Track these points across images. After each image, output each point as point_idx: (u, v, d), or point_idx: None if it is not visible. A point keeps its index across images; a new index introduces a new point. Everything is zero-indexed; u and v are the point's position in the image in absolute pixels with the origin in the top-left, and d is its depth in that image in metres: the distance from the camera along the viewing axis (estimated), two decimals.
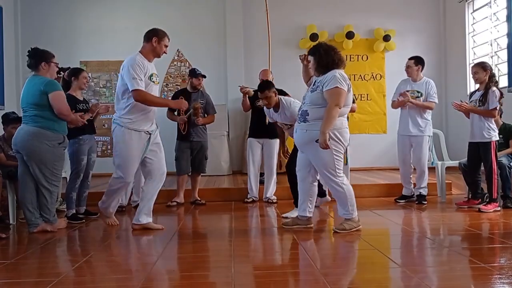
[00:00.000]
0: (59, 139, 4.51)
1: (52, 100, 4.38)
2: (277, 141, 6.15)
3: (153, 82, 4.43)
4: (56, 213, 5.45)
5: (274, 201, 6.10)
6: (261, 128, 6.10)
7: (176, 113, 6.14)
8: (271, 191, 6.20)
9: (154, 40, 4.41)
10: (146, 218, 4.51)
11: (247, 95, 6.21)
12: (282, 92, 6.02)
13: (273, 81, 6.05)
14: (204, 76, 6.26)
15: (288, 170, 5.12)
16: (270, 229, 4.72)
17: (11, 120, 5.33)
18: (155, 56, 4.50)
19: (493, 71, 5.50)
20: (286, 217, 4.92)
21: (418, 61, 5.95)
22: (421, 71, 5.97)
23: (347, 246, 3.95)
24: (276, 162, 6.22)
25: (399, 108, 6.00)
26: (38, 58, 4.51)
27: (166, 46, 4.51)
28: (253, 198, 6.23)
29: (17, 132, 4.57)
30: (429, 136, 5.90)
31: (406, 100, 5.76)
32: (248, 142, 6.33)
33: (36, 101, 4.40)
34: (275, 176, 6.21)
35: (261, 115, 5.92)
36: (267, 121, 5.86)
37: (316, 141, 3.99)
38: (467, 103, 5.42)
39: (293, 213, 4.86)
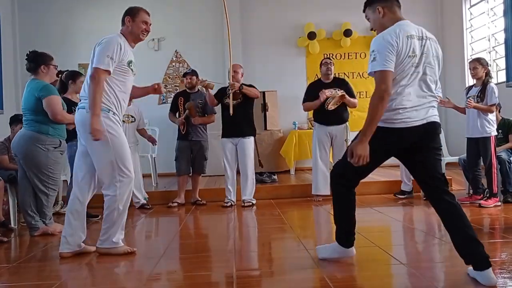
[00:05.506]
0: (54, 143, 4.48)
1: (45, 105, 4.35)
2: (252, 139, 5.90)
3: (132, 70, 3.66)
4: (58, 216, 5.47)
5: (251, 203, 5.84)
6: (233, 126, 5.79)
7: (177, 115, 6.18)
8: (248, 193, 5.86)
9: (127, 20, 3.67)
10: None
11: (209, 89, 5.80)
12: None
13: (242, 77, 5.87)
14: (193, 73, 6.21)
15: (334, 179, 3.17)
16: (271, 229, 4.72)
17: (20, 120, 5.32)
18: (134, 39, 3.72)
19: (489, 66, 5.52)
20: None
21: None
22: None
23: None
24: (253, 162, 5.90)
25: None
26: (37, 61, 4.49)
27: (146, 23, 3.70)
28: (231, 202, 5.90)
29: (15, 136, 4.59)
30: None
31: None
32: (222, 143, 5.99)
33: (31, 107, 4.40)
34: (252, 176, 5.90)
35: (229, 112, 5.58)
36: (231, 112, 5.54)
37: None
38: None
39: (325, 250, 3.28)
